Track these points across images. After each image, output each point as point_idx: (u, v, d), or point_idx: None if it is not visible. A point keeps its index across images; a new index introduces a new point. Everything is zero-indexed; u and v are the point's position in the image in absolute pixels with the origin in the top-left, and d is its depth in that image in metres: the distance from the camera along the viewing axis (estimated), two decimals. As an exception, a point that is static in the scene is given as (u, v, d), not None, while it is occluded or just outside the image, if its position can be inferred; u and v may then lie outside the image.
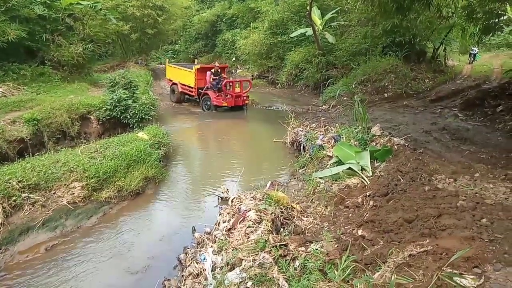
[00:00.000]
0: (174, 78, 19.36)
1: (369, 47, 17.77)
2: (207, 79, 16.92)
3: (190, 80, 17.87)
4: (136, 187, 8.18)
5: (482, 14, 11.46)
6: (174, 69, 19.56)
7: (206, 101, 16.98)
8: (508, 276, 3.00)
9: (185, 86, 18.42)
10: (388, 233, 4.33)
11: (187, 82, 18.16)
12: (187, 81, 18.15)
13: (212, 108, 16.70)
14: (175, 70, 19.40)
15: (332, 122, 11.37)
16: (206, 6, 38.89)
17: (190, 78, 17.89)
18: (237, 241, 5.23)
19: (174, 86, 19.33)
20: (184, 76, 18.38)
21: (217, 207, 7.45)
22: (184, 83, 18.43)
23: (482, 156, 7.01)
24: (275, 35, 22.71)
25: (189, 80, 18.00)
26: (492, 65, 20.57)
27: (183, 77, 18.45)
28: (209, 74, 16.91)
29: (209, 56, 36.43)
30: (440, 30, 17.49)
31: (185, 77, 18.25)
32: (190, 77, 17.82)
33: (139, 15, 23.73)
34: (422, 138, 8.48)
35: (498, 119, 9.68)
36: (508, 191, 5.08)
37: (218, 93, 16.60)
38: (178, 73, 18.94)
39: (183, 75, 18.44)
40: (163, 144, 10.35)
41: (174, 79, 19.29)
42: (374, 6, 10.26)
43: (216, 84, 16.61)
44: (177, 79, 18.95)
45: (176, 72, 19.23)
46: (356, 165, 7.18)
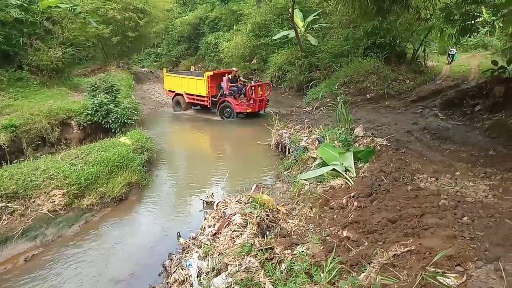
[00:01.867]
0: (177, 88, 17.54)
1: (351, 49, 17.98)
2: (224, 85, 15.52)
3: (201, 88, 16.25)
4: (119, 193, 8.05)
5: (459, 16, 11.76)
6: (176, 78, 17.73)
7: (226, 109, 15.54)
8: (489, 273, 3.06)
9: (193, 96, 16.80)
10: (373, 233, 4.36)
11: (197, 91, 16.50)
12: (197, 90, 16.50)
13: (233, 116, 15.34)
14: (177, 80, 17.57)
15: (316, 124, 11.44)
16: (189, 9, 38.63)
17: (200, 87, 16.27)
18: (222, 246, 5.19)
19: (178, 97, 17.54)
20: (191, 85, 16.75)
21: (202, 212, 7.38)
22: (192, 93, 16.78)
23: (462, 155, 7.17)
24: (258, 37, 22.74)
25: (199, 89, 16.36)
26: (470, 66, 21.09)
27: (191, 87, 16.80)
28: (226, 80, 15.57)
29: (192, 59, 36.20)
30: (419, 31, 17.84)
31: (194, 86, 16.63)
32: (201, 85, 16.22)
33: (120, 18, 23.35)
34: (404, 138, 8.62)
35: (476, 118, 9.92)
36: (487, 189, 5.19)
37: (240, 99, 15.32)
38: (183, 83, 17.18)
39: (190, 84, 16.79)
40: (147, 149, 10.23)
41: (178, 90, 17.46)
42: (354, 9, 10.37)
43: (238, 89, 15.38)
44: (182, 89, 17.18)
45: (179, 82, 17.40)
46: (340, 166, 7.21)
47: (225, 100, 15.48)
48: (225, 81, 15.56)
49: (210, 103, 16.22)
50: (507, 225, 3.90)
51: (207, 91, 16.02)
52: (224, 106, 15.58)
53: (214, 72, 16.90)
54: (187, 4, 39.69)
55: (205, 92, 16.10)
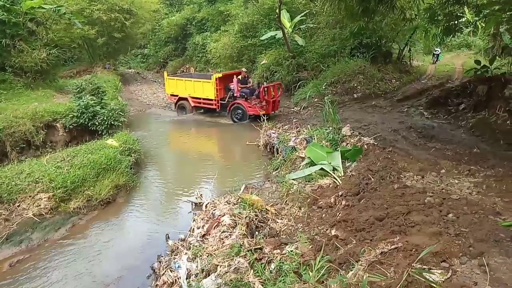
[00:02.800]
0: (180, 92, 16.50)
1: (337, 49, 18.09)
2: (235, 87, 14.86)
3: (209, 91, 15.50)
4: (106, 196, 7.97)
5: (443, 16, 11.96)
6: (180, 82, 16.69)
7: (237, 111, 14.71)
8: (473, 268, 3.12)
9: (200, 99, 16.03)
10: (360, 231, 4.41)
11: (204, 94, 15.74)
12: (204, 93, 15.74)
13: (245, 118, 14.48)
14: (181, 83, 16.57)
15: (304, 124, 11.51)
16: (175, 10, 38.37)
17: (208, 90, 15.52)
18: (211, 247, 5.18)
19: (183, 102, 16.52)
20: (197, 89, 15.95)
21: (191, 213, 7.34)
22: (198, 96, 15.98)
23: (447, 153, 7.29)
24: (245, 38, 22.70)
25: (206, 92, 15.60)
26: (454, 65, 21.45)
27: (196, 90, 16.00)
28: (236, 82, 14.91)
29: (180, 60, 35.99)
30: (404, 31, 18.08)
31: (200, 89, 15.86)
32: (209, 88, 15.47)
33: (106, 19, 23.09)
34: (390, 137, 8.72)
35: (461, 116, 10.11)
36: (472, 186, 5.30)
37: (253, 101, 14.50)
38: (187, 86, 16.30)
39: (196, 88, 15.99)
40: (134, 151, 10.12)
41: (182, 94, 16.44)
42: (341, 9, 10.48)
43: (251, 91, 14.69)
44: (187, 93, 16.25)
45: (183, 85, 16.45)
46: (328, 165, 7.28)
47: (236, 103, 14.71)
48: (235, 83, 14.92)
49: (219, 106, 15.47)
50: (491, 221, 3.99)
51: (215, 93, 15.32)
52: (235, 109, 14.78)
53: (223, 73, 16.19)
54: (174, 5, 39.43)
55: (213, 95, 15.40)
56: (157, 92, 23.94)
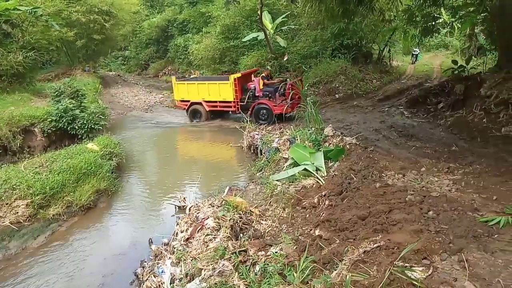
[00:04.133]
0: (193, 97, 15.30)
1: (319, 50, 18.25)
2: (257, 86, 13.96)
3: (227, 93, 14.44)
4: (87, 202, 7.81)
5: (420, 17, 12.26)
6: (191, 86, 15.44)
7: (262, 111, 13.55)
8: (453, 264, 3.18)
9: (216, 102, 14.94)
10: (344, 231, 4.45)
11: (221, 96, 14.66)
12: (221, 96, 14.67)
13: (271, 119, 13.34)
14: (193, 87, 15.34)
15: (287, 125, 11.54)
16: (156, 11, 38.03)
17: (225, 91, 14.46)
18: (196, 251, 5.13)
19: (196, 106, 15.31)
20: (212, 91, 14.84)
21: (174, 217, 7.25)
22: (214, 99, 14.90)
23: (427, 151, 7.43)
24: (227, 39, 22.66)
25: (224, 94, 14.54)
26: (432, 65, 21.93)
27: (211, 93, 14.87)
28: (257, 81, 14.03)
29: (162, 62, 35.69)
30: (384, 32, 18.39)
31: (216, 92, 14.76)
32: (226, 90, 14.42)
33: (85, 20, 22.66)
34: (372, 137, 8.84)
35: (439, 115, 10.32)
36: (451, 183, 5.42)
37: (277, 99, 13.58)
38: (201, 90, 15.11)
39: (211, 90, 14.87)
40: (115, 155, 9.96)
41: (194, 98, 15.25)
42: (321, 11, 10.58)
43: (276, 89, 13.67)
44: (200, 97, 15.08)
45: (195, 89, 15.25)
46: (311, 166, 7.32)
47: (260, 102, 13.64)
48: (257, 82, 14.03)
49: (239, 108, 14.46)
50: (469, 217, 4.08)
51: (234, 95, 14.32)
52: (259, 109, 13.64)
53: (242, 73, 15.14)
54: (154, 7, 39.07)
55: (231, 97, 14.38)
56: (139, 94, 23.64)
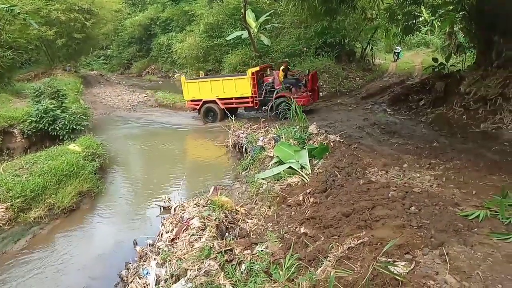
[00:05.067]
0: (206, 95, 14.57)
1: (303, 48, 18.37)
2: (276, 78, 13.45)
3: (244, 88, 13.86)
4: (70, 204, 7.68)
5: (401, 15, 12.44)
6: (204, 83, 14.75)
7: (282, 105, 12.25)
8: (434, 258, 3.25)
9: (231, 99, 14.28)
10: (328, 228, 4.49)
11: (238, 92, 14.03)
12: (237, 92, 14.03)
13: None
14: (205, 85, 14.62)
15: (272, 123, 11.57)
16: (138, 9, 37.56)
17: (243, 87, 13.88)
18: (181, 251, 5.09)
19: (210, 105, 14.58)
20: (228, 88, 14.21)
21: (159, 217, 7.19)
22: (230, 96, 14.23)
23: (409, 148, 7.56)
24: (211, 38, 22.58)
25: (241, 90, 13.93)
26: (414, 63, 22.35)
27: (226, 89, 14.24)
28: (277, 74, 13.56)
29: (145, 61, 35.32)
30: (366, 31, 18.64)
31: (231, 88, 14.16)
32: (243, 85, 13.86)
33: (65, 19, 22.22)
34: (355, 134, 8.94)
35: (421, 112, 10.52)
36: (432, 179, 5.53)
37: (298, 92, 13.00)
38: (214, 87, 14.44)
39: (226, 87, 14.23)
40: (98, 155, 9.83)
41: (207, 97, 14.53)
42: (304, 9, 10.67)
43: (297, 80, 13.26)
44: (214, 95, 14.36)
45: (208, 87, 14.53)
46: (296, 164, 7.35)
47: (281, 96, 12.84)
48: (276, 74, 13.55)
49: (258, 103, 13.91)
50: (450, 212, 4.17)
51: (252, 90, 13.78)
52: (282, 103, 12.41)
53: (260, 67, 14.75)
54: (136, 5, 38.57)
55: (249, 92, 13.81)
56: (122, 94, 23.35)
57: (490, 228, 3.74)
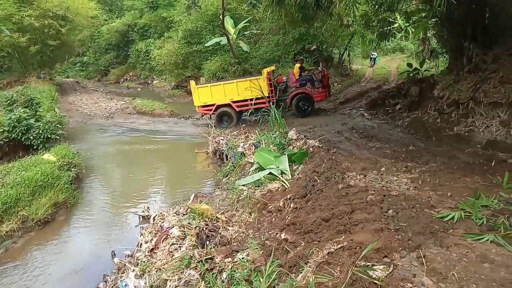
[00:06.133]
0: (219, 99, 14.01)
1: (281, 54, 18.54)
2: (292, 76, 13.39)
3: (259, 89, 13.58)
4: (44, 215, 7.46)
5: (377, 22, 12.73)
6: (217, 87, 14.20)
7: (301, 101, 12.99)
8: (412, 261, 3.30)
9: (246, 101, 13.81)
10: (308, 233, 4.50)
11: (253, 94, 13.61)
12: (253, 93, 13.62)
13: (313, 108, 13.14)
14: (218, 89, 14.09)
15: (252, 129, 11.58)
16: (115, 16, 37.07)
17: (260, 87, 13.57)
18: (160, 261, 5.01)
19: (224, 109, 14.00)
20: (242, 90, 13.79)
21: (138, 227, 7.05)
22: (245, 98, 13.80)
23: (386, 151, 7.69)
24: (190, 44, 22.50)
25: (256, 91, 13.57)
26: (390, 68, 22.88)
27: (241, 92, 13.81)
28: (292, 72, 13.55)
29: (123, 68, 34.83)
30: (343, 37, 18.98)
31: (247, 90, 13.73)
32: (260, 85, 13.53)
33: (38, 25, 21.68)
34: (334, 139, 9.04)
35: (397, 116, 10.74)
36: (409, 182, 5.63)
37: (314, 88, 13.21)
38: (228, 90, 13.96)
39: (241, 89, 13.79)
40: (74, 165, 9.60)
41: (220, 101, 13.97)
42: (282, 16, 10.74)
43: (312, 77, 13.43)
44: (228, 98, 13.87)
45: (220, 91, 14.04)
46: (276, 169, 7.37)
47: (299, 93, 13.04)
48: (292, 73, 13.53)
49: (275, 102, 13.40)
50: (426, 214, 4.26)
51: (268, 89, 13.49)
52: (300, 99, 13.00)
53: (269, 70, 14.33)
54: (113, 11, 38.09)
55: (266, 92, 13.46)
56: (99, 101, 22.89)
57: (464, 229, 3.83)
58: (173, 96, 23.79)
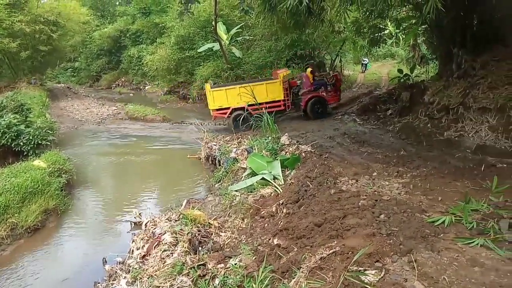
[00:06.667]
0: (234, 103, 13.80)
1: (274, 60, 18.63)
2: (306, 80, 13.59)
3: (276, 92, 13.69)
4: (34, 222, 7.35)
5: (368, 28, 12.89)
6: (231, 91, 13.93)
7: (318, 105, 13.40)
8: (403, 265, 3.31)
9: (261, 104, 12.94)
10: (301, 238, 4.50)
11: (269, 97, 13.67)
12: (269, 96, 13.67)
13: (326, 111, 13.65)
14: (233, 92, 13.83)
15: (244, 134, 11.59)
16: (107, 21, 37.03)
17: (274, 91, 13.70)
18: (152, 268, 4.97)
19: (240, 112, 13.53)
20: (259, 93, 13.21)
21: (130, 234, 6.99)
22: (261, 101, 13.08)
23: (378, 156, 7.74)
24: (182, 50, 22.54)
25: (272, 94, 13.69)
26: (381, 73, 23.12)
27: (258, 95, 13.05)
28: (306, 76, 13.74)
29: (114, 73, 34.73)
30: (335, 43, 19.16)
31: (263, 93, 13.56)
32: (275, 89, 13.69)
33: (29, 31, 21.59)
34: (326, 144, 9.08)
35: (388, 121, 10.84)
36: (400, 186, 5.68)
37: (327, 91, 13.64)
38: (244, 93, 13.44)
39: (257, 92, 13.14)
40: (65, 171, 9.50)
41: (236, 104, 13.74)
42: (274, 22, 10.84)
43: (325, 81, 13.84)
44: (243, 102, 13.51)
45: (236, 94, 13.78)
46: (268, 174, 7.37)
47: (314, 96, 13.42)
48: (306, 77, 13.73)
49: (289, 106, 13.91)
50: (417, 219, 4.29)
51: (284, 93, 13.73)
52: (315, 102, 13.40)
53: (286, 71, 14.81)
54: (105, 17, 38.03)
55: (281, 95, 13.72)
56: (91, 107, 22.76)
57: (455, 233, 3.87)
58: (165, 102, 23.75)
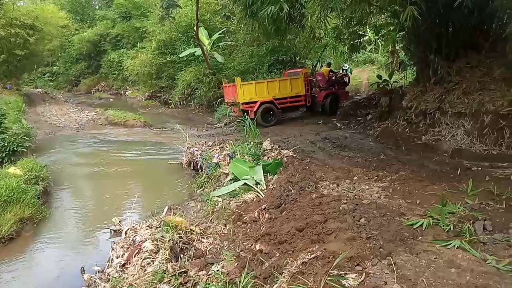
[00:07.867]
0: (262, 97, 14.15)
1: (256, 66, 18.72)
2: (323, 78, 14.54)
3: (298, 88, 14.41)
4: (9, 232, 7.07)
5: (348, 35, 13.11)
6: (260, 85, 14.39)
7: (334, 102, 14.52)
8: (383, 268, 3.36)
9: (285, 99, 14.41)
10: (283, 244, 4.50)
11: (293, 92, 14.40)
12: (292, 91, 14.38)
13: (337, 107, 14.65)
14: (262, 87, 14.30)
15: (227, 140, 11.56)
16: (87, 25, 36.42)
17: (297, 86, 14.39)
18: (132, 277, 4.86)
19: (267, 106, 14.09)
20: (283, 88, 14.35)
21: (109, 242, 6.83)
22: (285, 96, 14.36)
23: (358, 161, 7.87)
24: (164, 55, 22.40)
25: (295, 89, 14.38)
26: (361, 79, 23.47)
27: (282, 90, 14.34)
28: (322, 74, 14.75)
29: (94, 78, 34.18)
30: (316, 49, 19.41)
31: (287, 88, 14.38)
32: (298, 84, 14.41)
33: (5, 34, 21.08)
34: (308, 148, 9.17)
35: (368, 126, 11.05)
36: (380, 190, 5.78)
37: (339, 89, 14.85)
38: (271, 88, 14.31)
39: (282, 87, 14.34)
40: (42, 178, 9.23)
41: (264, 98, 14.13)
42: (255, 28, 10.90)
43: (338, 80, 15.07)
44: (271, 96, 14.15)
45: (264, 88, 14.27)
46: (251, 180, 7.37)
47: (330, 93, 14.48)
48: (322, 75, 14.72)
49: (310, 100, 14.67)
50: (397, 222, 4.36)
51: (305, 88, 14.53)
52: (332, 100, 14.47)
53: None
54: (85, 21, 37.41)
55: (303, 91, 14.51)
56: (69, 112, 22.29)
57: (433, 236, 3.95)
58: (146, 107, 23.52)
